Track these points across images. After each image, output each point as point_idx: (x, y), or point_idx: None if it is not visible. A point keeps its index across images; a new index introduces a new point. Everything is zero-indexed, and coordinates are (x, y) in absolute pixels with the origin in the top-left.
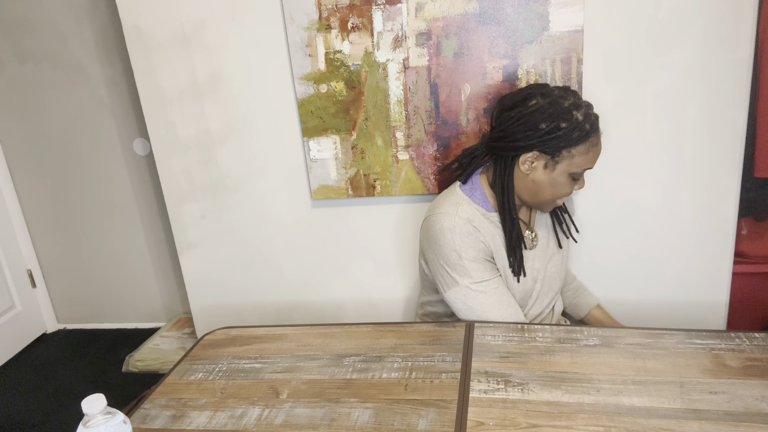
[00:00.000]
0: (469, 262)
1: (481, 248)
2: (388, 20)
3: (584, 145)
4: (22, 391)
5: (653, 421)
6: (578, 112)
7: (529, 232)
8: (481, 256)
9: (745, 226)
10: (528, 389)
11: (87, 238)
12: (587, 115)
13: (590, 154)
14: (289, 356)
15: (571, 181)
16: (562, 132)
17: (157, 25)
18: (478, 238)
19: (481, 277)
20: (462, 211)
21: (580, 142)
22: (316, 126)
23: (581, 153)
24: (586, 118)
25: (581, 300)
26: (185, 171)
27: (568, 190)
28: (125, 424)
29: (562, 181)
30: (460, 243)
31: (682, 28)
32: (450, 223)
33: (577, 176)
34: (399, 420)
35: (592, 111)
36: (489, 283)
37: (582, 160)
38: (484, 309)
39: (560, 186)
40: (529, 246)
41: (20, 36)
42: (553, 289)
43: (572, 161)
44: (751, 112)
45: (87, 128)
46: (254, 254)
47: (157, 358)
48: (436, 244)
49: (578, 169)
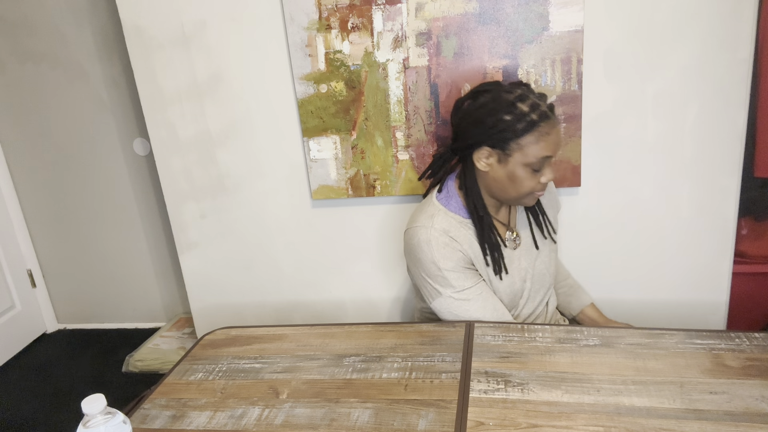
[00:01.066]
0: (449, 272)
1: (459, 257)
2: (388, 20)
3: (532, 135)
4: (22, 391)
5: (653, 421)
6: (523, 103)
7: (510, 233)
8: (460, 265)
9: (745, 226)
10: (528, 389)
11: (87, 238)
12: (534, 105)
13: (541, 143)
14: (289, 356)
15: (531, 173)
16: (507, 125)
17: (157, 25)
18: (456, 248)
19: (462, 286)
20: (437, 222)
21: (527, 133)
22: (316, 126)
23: (531, 143)
24: (532, 109)
25: (573, 299)
26: (185, 171)
27: (531, 182)
28: (125, 424)
29: (521, 174)
30: (438, 255)
31: (682, 28)
32: (426, 236)
33: (535, 167)
34: (399, 420)
35: (542, 101)
36: (471, 291)
37: (534, 150)
38: (470, 316)
39: (521, 179)
40: (511, 246)
41: (20, 36)
42: (544, 286)
43: (523, 152)
44: (751, 112)
45: (87, 128)
46: (254, 254)
47: (157, 358)
48: (416, 257)
49: (532, 159)
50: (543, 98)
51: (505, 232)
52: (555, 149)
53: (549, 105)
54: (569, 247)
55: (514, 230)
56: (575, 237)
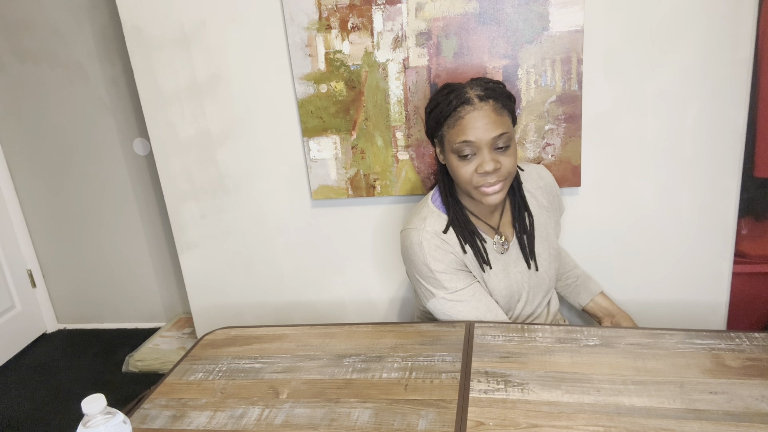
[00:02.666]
0: (441, 274)
1: (450, 259)
2: (388, 20)
3: (451, 119)
4: (22, 391)
5: (653, 421)
6: (450, 91)
7: (498, 237)
8: (452, 267)
9: (745, 226)
10: (528, 389)
11: (87, 238)
12: (456, 90)
13: (458, 126)
14: (289, 356)
15: (460, 160)
16: (434, 113)
17: (157, 25)
18: (447, 249)
19: (455, 287)
20: (429, 224)
21: (447, 118)
22: (316, 126)
23: (450, 127)
24: (453, 93)
25: (583, 289)
26: (185, 171)
27: (464, 170)
28: (125, 424)
29: (454, 162)
30: (430, 257)
31: (682, 28)
32: (418, 238)
33: (460, 153)
34: (399, 420)
35: (473, 88)
36: (464, 292)
37: (453, 134)
38: (463, 317)
39: (455, 168)
40: (499, 250)
41: (20, 36)
42: (543, 288)
43: (447, 138)
44: (751, 112)
45: (87, 128)
46: (254, 254)
47: (157, 358)
48: (410, 259)
49: (453, 144)
50: (479, 86)
51: (493, 236)
52: (474, 133)
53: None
54: (569, 247)
55: (503, 234)
56: (575, 237)
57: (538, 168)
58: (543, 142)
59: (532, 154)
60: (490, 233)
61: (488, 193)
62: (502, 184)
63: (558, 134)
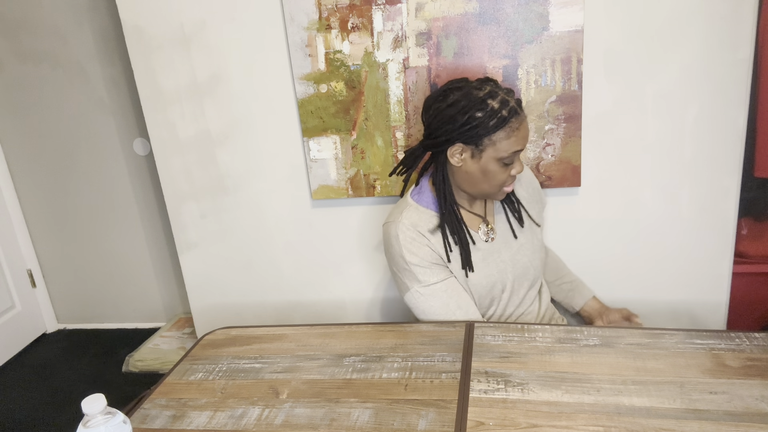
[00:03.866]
0: (415, 266)
1: (426, 253)
2: (388, 20)
3: (504, 130)
4: (22, 391)
5: (653, 421)
6: (494, 100)
7: (485, 225)
8: (427, 260)
9: (745, 226)
10: (528, 389)
11: (87, 238)
12: (503, 101)
13: (513, 138)
14: (289, 356)
15: (502, 167)
16: (478, 121)
17: (157, 25)
18: (423, 242)
19: (427, 281)
20: (406, 217)
21: (498, 129)
22: (316, 126)
23: (502, 138)
24: (502, 105)
25: (576, 293)
26: (185, 171)
27: (503, 176)
28: (125, 424)
29: (493, 168)
30: (405, 249)
31: (682, 28)
32: (395, 231)
33: (507, 161)
34: (399, 420)
35: (511, 97)
36: (436, 287)
37: (505, 145)
38: (435, 311)
39: (493, 173)
40: (486, 239)
41: (20, 36)
42: (529, 279)
43: (496, 147)
44: (751, 112)
45: (87, 128)
46: (254, 254)
47: (157, 358)
48: (388, 251)
49: (504, 153)
50: (511, 94)
51: (479, 225)
52: (524, 143)
53: (517, 100)
54: (569, 247)
55: (489, 223)
56: (575, 237)
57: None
58: (543, 142)
59: (532, 154)
60: (475, 223)
61: (507, 191)
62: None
63: (558, 134)
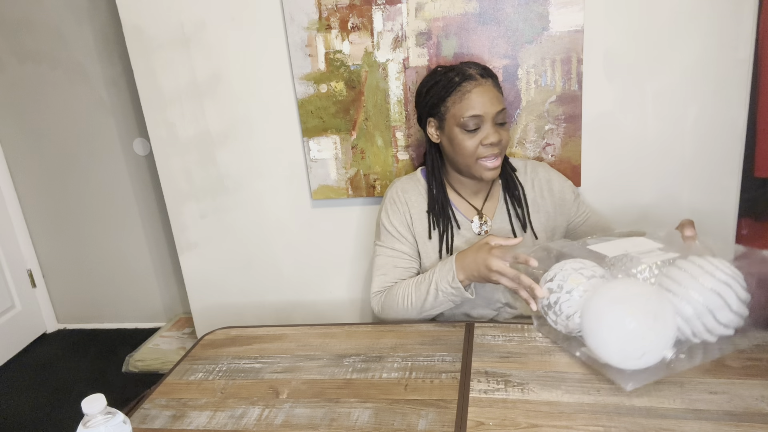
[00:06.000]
0: (383, 227)
1: (398, 220)
2: (388, 20)
3: (456, 94)
4: (22, 391)
5: (653, 421)
6: (449, 70)
7: (478, 218)
8: (395, 227)
9: (745, 226)
10: (528, 389)
11: (87, 238)
12: (456, 68)
13: (465, 101)
14: (289, 356)
15: (466, 134)
16: (434, 91)
17: (157, 25)
18: (400, 209)
19: (383, 242)
20: (402, 181)
21: (450, 93)
22: (316, 126)
23: (455, 102)
24: (454, 72)
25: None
26: (185, 171)
27: (470, 144)
28: (125, 424)
29: (458, 136)
30: (384, 209)
31: (682, 28)
32: (388, 190)
33: (467, 127)
34: (399, 420)
35: (472, 67)
36: (382, 249)
37: (459, 109)
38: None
39: (459, 142)
40: (479, 231)
41: (20, 36)
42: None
43: (451, 113)
44: (751, 112)
45: (87, 128)
46: (254, 254)
47: (157, 358)
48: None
49: (461, 118)
50: (475, 66)
51: (473, 216)
52: (482, 108)
53: (483, 69)
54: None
55: (484, 216)
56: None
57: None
58: (543, 142)
59: (532, 154)
60: (470, 214)
61: (489, 167)
62: (500, 158)
63: (558, 134)
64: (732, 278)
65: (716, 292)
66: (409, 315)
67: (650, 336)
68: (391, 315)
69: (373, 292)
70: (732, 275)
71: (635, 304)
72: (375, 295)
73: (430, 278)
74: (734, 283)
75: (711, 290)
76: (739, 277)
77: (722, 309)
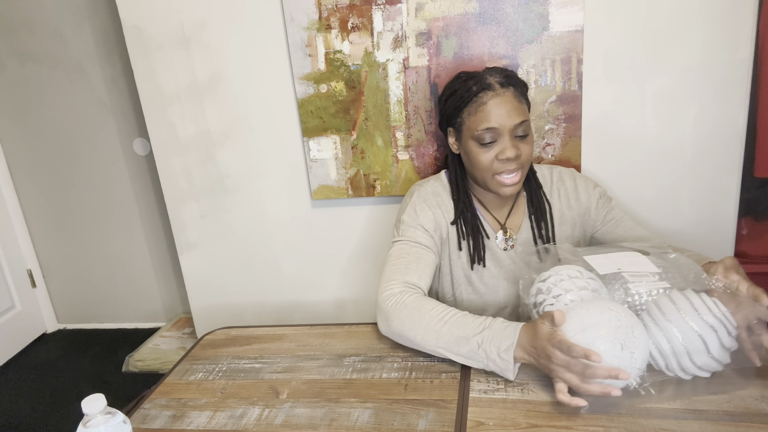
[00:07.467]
0: (406, 223)
1: (426, 219)
2: (388, 20)
3: (472, 105)
4: (22, 391)
5: (653, 421)
6: (469, 78)
7: (503, 233)
8: (423, 223)
9: (745, 226)
10: (528, 389)
11: (87, 238)
12: (475, 77)
13: (480, 113)
14: (289, 356)
15: (480, 147)
16: (451, 100)
17: (157, 25)
18: (432, 209)
19: (404, 236)
20: (431, 185)
21: (467, 104)
22: (316, 126)
23: (471, 114)
24: (473, 80)
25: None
26: (185, 171)
27: (485, 159)
28: (125, 424)
29: (473, 149)
30: (411, 207)
31: (682, 28)
32: (416, 190)
33: (482, 140)
34: (399, 420)
35: (493, 74)
36: (402, 243)
37: (474, 121)
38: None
39: (474, 155)
40: (505, 246)
41: (20, 36)
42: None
43: (467, 125)
44: (751, 112)
45: (87, 128)
46: (254, 254)
47: (157, 358)
48: (400, 207)
49: (475, 131)
50: (498, 73)
51: (497, 229)
52: (499, 120)
53: (505, 77)
54: None
55: (508, 231)
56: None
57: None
58: (543, 142)
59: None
60: (495, 227)
61: (506, 183)
62: (520, 173)
63: (558, 134)
64: (720, 323)
65: (698, 335)
66: (424, 345)
67: (614, 364)
68: (398, 330)
69: (388, 284)
70: (721, 320)
71: (605, 330)
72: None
73: (478, 330)
74: (721, 329)
75: (694, 331)
76: (728, 323)
77: (701, 353)
